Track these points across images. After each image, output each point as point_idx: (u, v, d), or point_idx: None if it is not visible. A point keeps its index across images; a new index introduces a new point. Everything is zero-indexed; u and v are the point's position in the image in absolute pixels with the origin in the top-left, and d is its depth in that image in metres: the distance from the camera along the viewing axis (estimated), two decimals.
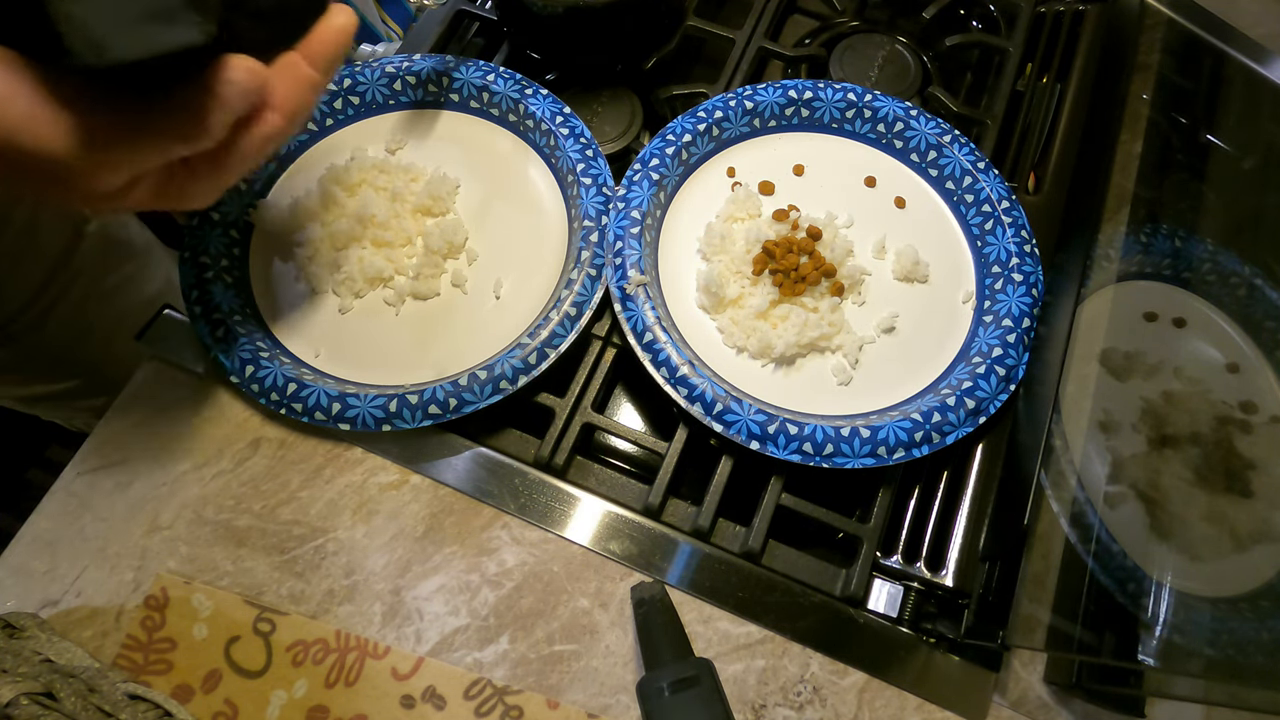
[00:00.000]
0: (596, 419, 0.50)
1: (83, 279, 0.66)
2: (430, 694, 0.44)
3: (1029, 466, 0.47)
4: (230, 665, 0.44)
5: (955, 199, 0.56)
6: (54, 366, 0.70)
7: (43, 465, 1.25)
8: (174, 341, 0.51)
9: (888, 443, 0.46)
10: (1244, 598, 0.46)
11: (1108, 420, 0.50)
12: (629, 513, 0.49)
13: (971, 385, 0.48)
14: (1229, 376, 0.53)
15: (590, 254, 0.51)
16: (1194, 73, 0.63)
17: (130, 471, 0.49)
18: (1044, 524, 0.47)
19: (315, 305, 0.52)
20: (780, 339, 0.50)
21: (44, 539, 0.47)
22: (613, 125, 0.58)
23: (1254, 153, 0.61)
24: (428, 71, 0.57)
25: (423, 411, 0.47)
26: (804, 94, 0.57)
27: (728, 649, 0.46)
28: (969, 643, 0.47)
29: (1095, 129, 0.60)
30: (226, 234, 0.52)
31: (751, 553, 0.48)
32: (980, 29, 0.68)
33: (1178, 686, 0.45)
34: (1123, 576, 0.46)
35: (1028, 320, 0.51)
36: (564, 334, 0.49)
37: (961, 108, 0.60)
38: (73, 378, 0.72)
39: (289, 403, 0.47)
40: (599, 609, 0.47)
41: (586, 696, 0.45)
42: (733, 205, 0.54)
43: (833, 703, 0.46)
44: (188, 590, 0.45)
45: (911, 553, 0.49)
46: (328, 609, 0.46)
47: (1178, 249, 0.56)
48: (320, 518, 0.48)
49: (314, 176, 0.55)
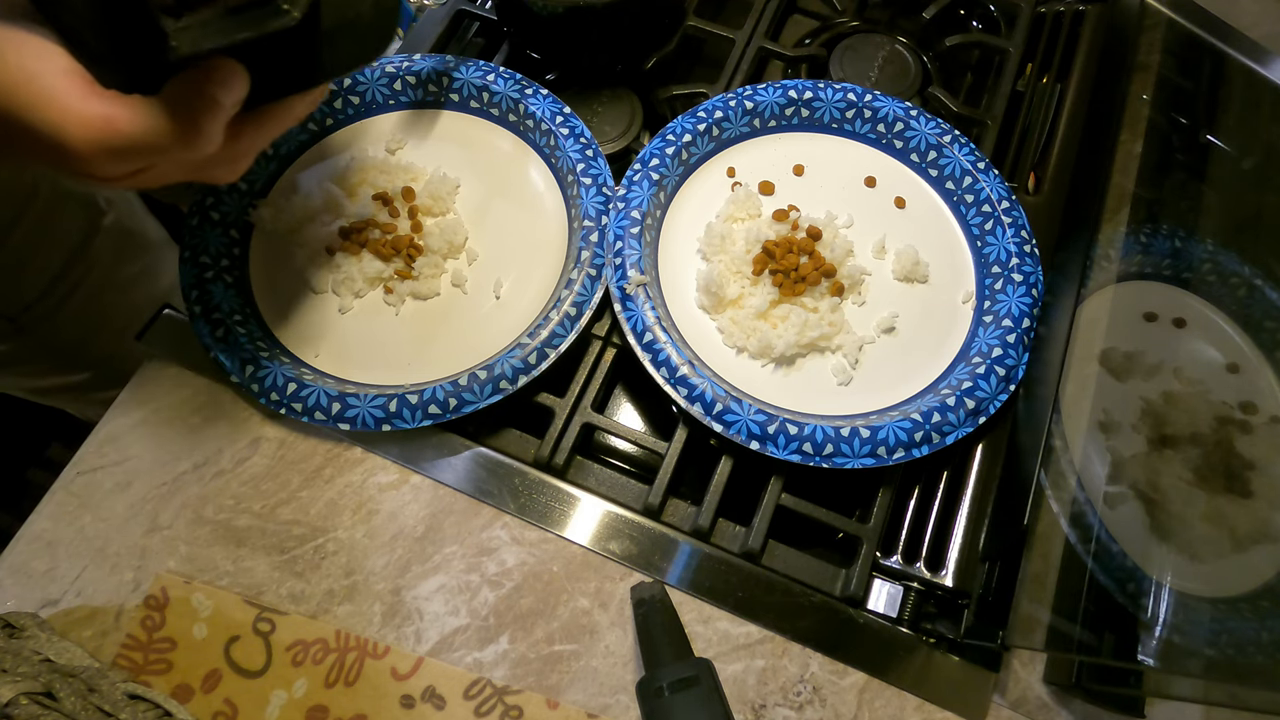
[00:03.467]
0: (596, 419, 0.50)
1: (97, 271, 0.66)
2: (430, 694, 0.44)
3: (1029, 466, 0.47)
4: (230, 665, 0.44)
5: (955, 199, 0.56)
6: (67, 358, 0.70)
7: (43, 465, 1.25)
8: (174, 341, 0.51)
9: (887, 443, 0.46)
10: (1244, 598, 0.46)
11: (1108, 420, 0.50)
12: (629, 513, 0.49)
13: (971, 385, 0.48)
14: (1229, 376, 0.53)
15: (590, 254, 0.51)
16: (1194, 73, 0.63)
17: (130, 471, 0.49)
18: (1044, 524, 0.47)
19: (315, 305, 0.52)
20: (780, 339, 0.50)
21: (44, 539, 0.47)
22: (613, 125, 0.58)
23: (1254, 153, 0.61)
24: (428, 71, 0.57)
25: (423, 411, 0.47)
26: (804, 94, 0.57)
27: (728, 649, 0.46)
28: (969, 643, 0.47)
29: (1095, 129, 0.60)
30: (226, 234, 0.52)
31: (751, 553, 0.48)
32: (980, 29, 0.68)
33: (1177, 686, 0.45)
34: (1122, 576, 0.46)
35: (1028, 320, 0.51)
36: (564, 334, 0.49)
37: (961, 108, 0.60)
38: (85, 370, 0.72)
39: (289, 403, 0.47)
40: (599, 609, 0.47)
41: (586, 696, 0.45)
42: (733, 205, 0.54)
43: (832, 703, 0.46)
44: (187, 590, 0.45)
45: (911, 553, 0.49)
46: (327, 609, 0.46)
47: (1178, 249, 0.56)
48: (320, 518, 0.48)
49: (314, 176, 0.55)
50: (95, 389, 0.74)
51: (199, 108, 0.32)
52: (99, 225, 0.66)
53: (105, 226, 0.67)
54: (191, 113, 0.32)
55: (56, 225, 0.62)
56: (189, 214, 0.52)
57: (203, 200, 0.52)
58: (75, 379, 0.72)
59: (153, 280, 0.72)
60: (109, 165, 0.33)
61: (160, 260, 0.73)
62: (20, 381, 0.72)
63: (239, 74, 0.33)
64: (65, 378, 0.72)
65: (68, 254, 0.64)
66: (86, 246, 0.65)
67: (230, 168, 0.38)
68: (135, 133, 0.31)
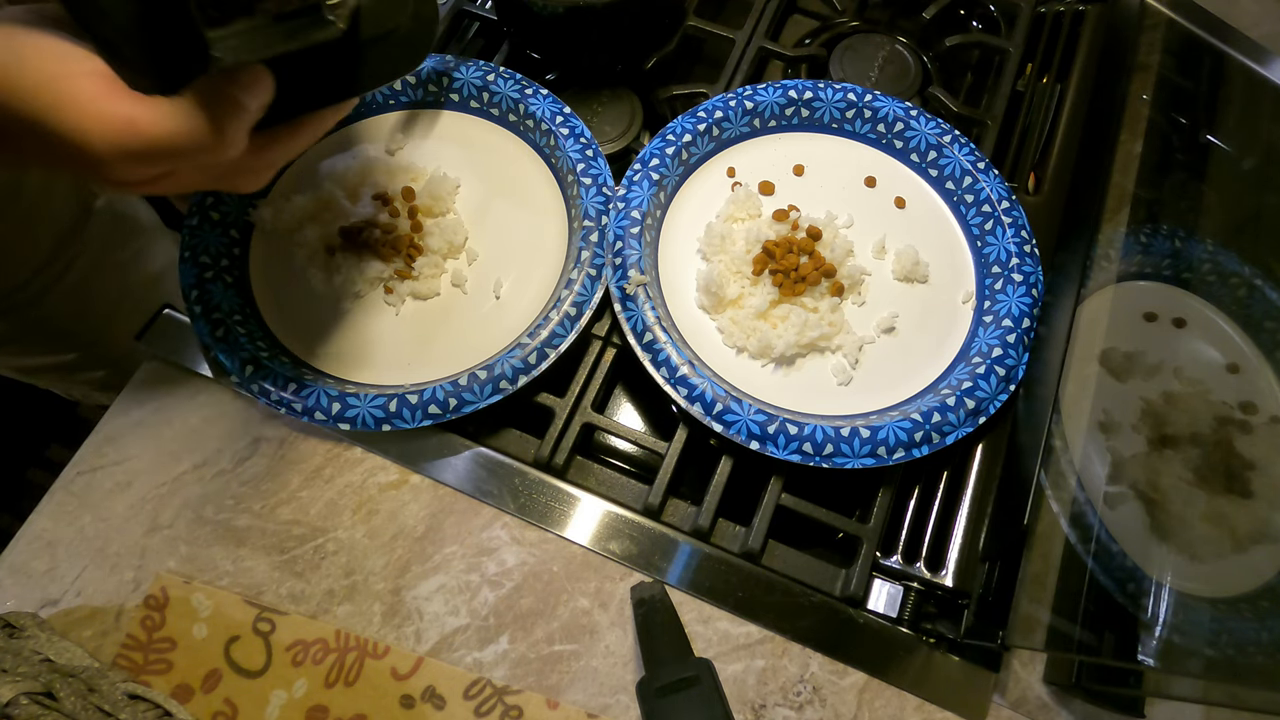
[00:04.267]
0: (596, 419, 0.50)
1: (89, 253, 0.66)
2: (430, 694, 0.44)
3: (1029, 466, 0.47)
4: (230, 665, 0.44)
5: (955, 199, 0.56)
6: (55, 338, 0.70)
7: (43, 465, 1.26)
8: (174, 341, 0.51)
9: (888, 443, 0.46)
10: (1244, 598, 0.46)
11: (1108, 420, 0.50)
12: (629, 513, 0.49)
13: (971, 385, 0.48)
14: (1229, 377, 0.53)
15: (590, 254, 0.51)
16: (1194, 73, 0.63)
17: (130, 471, 0.49)
18: (1044, 524, 0.47)
19: (315, 305, 0.52)
20: (780, 339, 0.50)
21: (44, 539, 0.47)
22: (613, 125, 0.58)
23: (1254, 153, 0.61)
24: (428, 71, 0.57)
25: (423, 411, 0.47)
26: (804, 94, 0.57)
27: (728, 649, 0.46)
28: (969, 643, 0.47)
29: (1095, 129, 0.60)
30: (226, 234, 0.52)
31: (751, 553, 0.48)
32: (980, 29, 0.68)
33: (1177, 687, 0.45)
34: (1122, 576, 0.46)
35: (1028, 320, 0.51)
36: (564, 334, 0.49)
37: (961, 108, 0.60)
38: (73, 350, 0.72)
39: (289, 403, 0.47)
40: (599, 609, 0.47)
41: (586, 696, 0.45)
42: (733, 205, 0.54)
43: (832, 703, 0.46)
44: (187, 590, 0.45)
45: (911, 553, 0.49)
46: (327, 609, 0.46)
47: (1178, 249, 0.56)
48: (320, 517, 0.48)
49: (314, 177, 0.55)
50: (83, 369, 0.74)
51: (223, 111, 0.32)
52: (91, 208, 0.66)
53: (97, 209, 0.67)
54: (215, 116, 0.32)
55: (48, 207, 0.62)
56: (189, 214, 0.52)
57: (203, 200, 0.52)
58: (64, 359, 0.73)
59: (144, 264, 0.72)
60: (130, 168, 0.32)
61: (151, 244, 0.74)
62: (8, 360, 0.73)
63: (264, 78, 0.33)
64: (54, 358, 0.72)
65: (59, 236, 0.64)
66: (78, 229, 0.65)
67: (255, 177, 0.38)
68: (157, 134, 0.31)
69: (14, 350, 0.71)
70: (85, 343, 0.72)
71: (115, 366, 0.76)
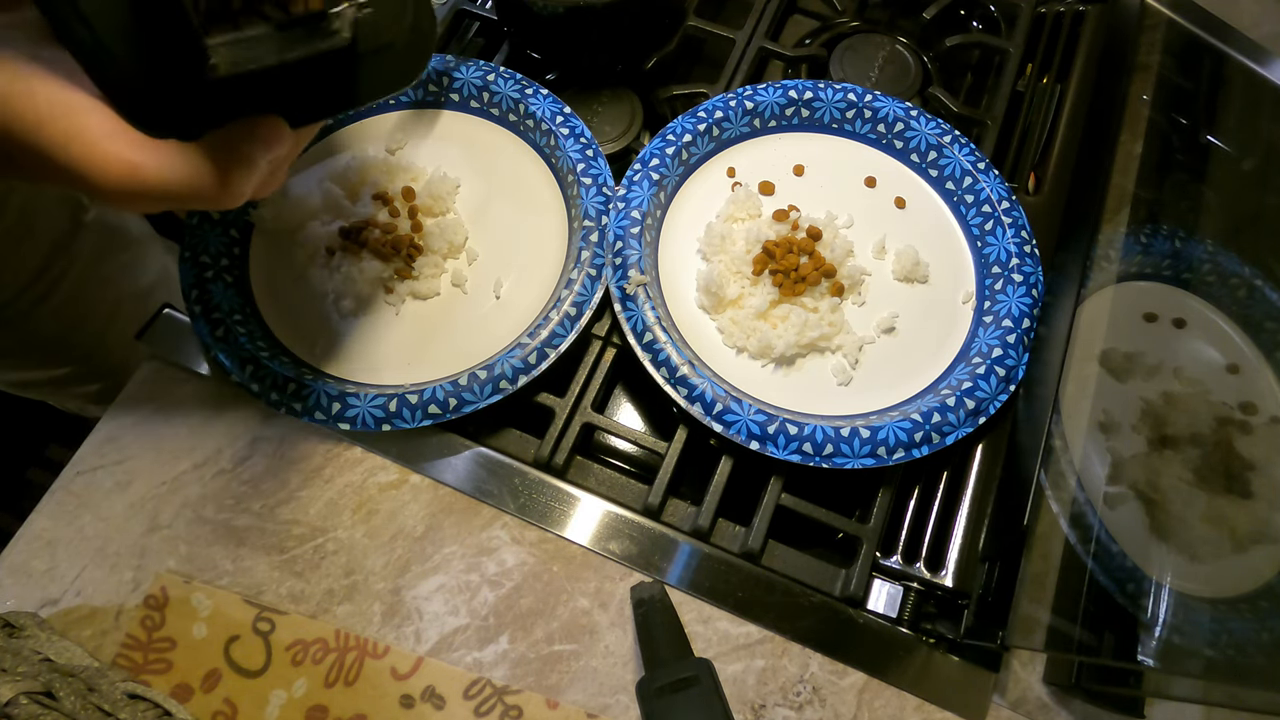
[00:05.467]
0: (596, 419, 0.50)
1: (79, 265, 0.66)
2: (430, 694, 0.44)
3: (1029, 467, 0.47)
4: (230, 665, 0.44)
5: (955, 199, 0.56)
6: (47, 352, 0.70)
7: (43, 465, 1.26)
8: (174, 341, 0.51)
9: (887, 443, 0.46)
10: (1244, 598, 0.46)
11: (1108, 421, 0.50)
12: (629, 513, 0.49)
13: (971, 386, 0.48)
14: (1229, 377, 0.53)
15: (590, 254, 0.51)
16: (1194, 73, 0.63)
17: (130, 471, 0.49)
18: (1044, 524, 0.47)
19: (315, 305, 0.52)
20: (780, 339, 0.50)
21: (44, 538, 0.47)
22: (613, 125, 0.58)
23: (1254, 153, 0.61)
24: (428, 71, 0.57)
25: (422, 411, 0.47)
26: (804, 94, 0.57)
27: (727, 649, 0.46)
28: (969, 643, 0.47)
29: (1095, 129, 0.60)
30: (226, 234, 0.52)
31: (751, 553, 0.48)
32: (980, 29, 0.68)
33: (1177, 687, 0.45)
34: (1122, 577, 0.46)
35: (1028, 320, 0.51)
36: (564, 334, 0.49)
37: (961, 108, 0.60)
38: (65, 364, 0.71)
39: (289, 402, 0.47)
40: (599, 609, 0.47)
41: (586, 696, 0.45)
42: (733, 205, 0.54)
43: (832, 703, 0.46)
44: (187, 589, 0.45)
45: (911, 553, 0.49)
46: (327, 608, 0.46)
47: (1178, 249, 0.56)
48: (320, 517, 0.48)
49: (314, 176, 0.55)
50: (77, 383, 0.74)
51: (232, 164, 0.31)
52: (81, 221, 0.65)
53: (87, 222, 0.66)
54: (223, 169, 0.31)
55: (37, 220, 0.62)
56: (189, 213, 0.52)
57: None
58: (57, 374, 0.72)
59: (135, 275, 0.72)
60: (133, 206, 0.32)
61: (143, 255, 0.73)
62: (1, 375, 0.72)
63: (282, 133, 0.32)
64: (46, 371, 0.72)
65: (49, 249, 0.63)
66: (68, 242, 0.64)
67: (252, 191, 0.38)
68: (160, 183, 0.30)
69: (7, 365, 0.70)
70: (79, 356, 0.71)
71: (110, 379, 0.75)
